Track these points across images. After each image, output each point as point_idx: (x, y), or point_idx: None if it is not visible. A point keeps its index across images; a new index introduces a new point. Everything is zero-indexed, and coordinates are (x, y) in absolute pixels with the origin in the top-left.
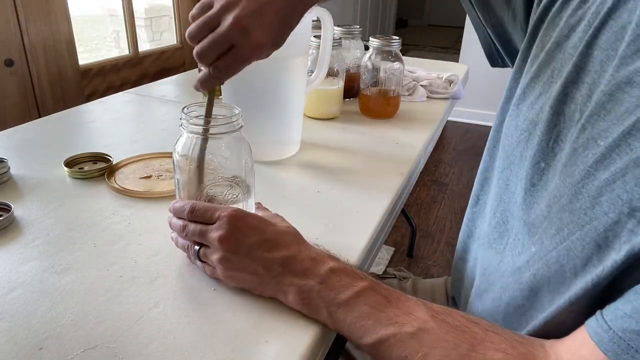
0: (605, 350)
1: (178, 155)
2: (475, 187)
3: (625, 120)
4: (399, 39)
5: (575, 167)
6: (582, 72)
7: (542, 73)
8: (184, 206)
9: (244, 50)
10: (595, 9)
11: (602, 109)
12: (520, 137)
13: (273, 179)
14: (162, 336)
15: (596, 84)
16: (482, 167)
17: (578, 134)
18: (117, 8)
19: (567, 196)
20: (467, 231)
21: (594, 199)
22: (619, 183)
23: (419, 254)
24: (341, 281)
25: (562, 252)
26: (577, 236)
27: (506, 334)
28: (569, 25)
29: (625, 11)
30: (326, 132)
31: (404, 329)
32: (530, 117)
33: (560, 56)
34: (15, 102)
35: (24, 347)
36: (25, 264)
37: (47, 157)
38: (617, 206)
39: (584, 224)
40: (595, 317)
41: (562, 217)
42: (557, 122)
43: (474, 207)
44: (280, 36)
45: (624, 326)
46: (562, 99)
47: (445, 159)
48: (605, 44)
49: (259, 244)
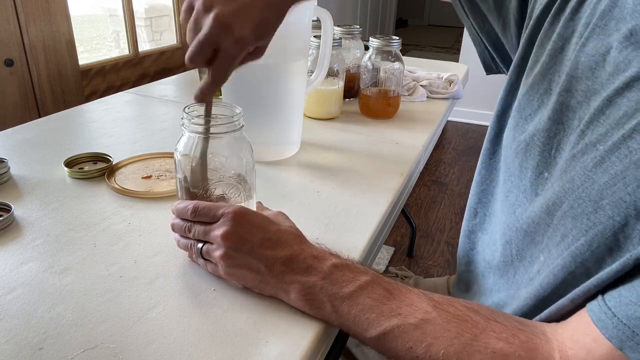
0: (609, 337)
1: (180, 154)
2: (472, 199)
3: (625, 124)
4: (399, 39)
5: (574, 173)
6: (574, 79)
7: (538, 86)
8: (186, 207)
9: (228, 47)
10: (585, 20)
11: (601, 114)
12: (518, 148)
13: (273, 179)
14: (162, 336)
15: (591, 90)
16: (478, 179)
17: (577, 140)
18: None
19: (569, 202)
20: (470, 244)
21: (595, 203)
22: (619, 186)
23: (419, 254)
24: (344, 276)
25: (568, 259)
26: (581, 242)
27: (507, 322)
28: (562, 38)
29: (612, 20)
30: (326, 132)
31: (407, 320)
32: (529, 129)
33: (556, 68)
34: (15, 102)
35: (24, 347)
36: (25, 264)
37: (47, 157)
38: (621, 209)
39: (588, 229)
40: (597, 302)
41: (565, 224)
42: (557, 132)
43: (473, 219)
44: (264, 29)
45: (628, 313)
46: (558, 108)
47: (445, 159)
48: (592, 51)
49: (261, 241)
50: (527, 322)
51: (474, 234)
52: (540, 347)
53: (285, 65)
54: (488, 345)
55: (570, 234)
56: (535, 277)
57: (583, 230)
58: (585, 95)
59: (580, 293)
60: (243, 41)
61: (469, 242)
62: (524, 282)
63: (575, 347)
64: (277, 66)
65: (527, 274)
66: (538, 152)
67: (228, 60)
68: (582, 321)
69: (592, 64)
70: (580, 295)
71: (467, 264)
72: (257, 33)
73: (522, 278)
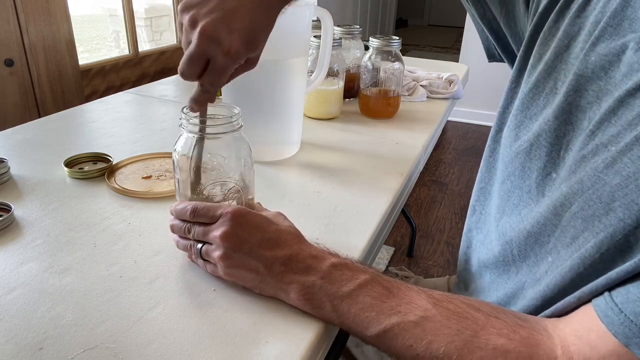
0: (615, 334)
1: (178, 155)
2: (473, 197)
3: (637, 125)
4: (399, 39)
5: (584, 174)
6: (584, 79)
7: (543, 84)
8: (185, 208)
9: (219, 60)
10: (594, 18)
11: (613, 114)
12: (520, 148)
13: (273, 179)
14: (162, 336)
15: (603, 90)
16: (479, 177)
17: (587, 141)
18: (117, 8)
19: (578, 204)
20: (467, 242)
21: (607, 205)
22: (632, 187)
23: (419, 254)
24: (343, 275)
25: (577, 261)
26: (591, 244)
27: (508, 318)
28: (568, 36)
29: (625, 19)
30: (326, 132)
31: (407, 317)
32: (533, 129)
33: (562, 67)
34: (15, 102)
35: (24, 347)
36: (25, 264)
37: (47, 157)
38: (633, 211)
39: (599, 232)
40: (604, 298)
41: (575, 225)
42: (566, 132)
43: (471, 217)
44: (253, 39)
45: (636, 310)
46: (567, 108)
47: (445, 159)
48: (604, 50)
49: (260, 242)
50: (528, 318)
51: (470, 232)
52: (541, 342)
53: (286, 65)
54: (489, 342)
55: (582, 236)
56: (542, 277)
57: (594, 233)
58: (597, 96)
59: (587, 291)
60: (233, 52)
61: (467, 239)
62: (530, 282)
63: (578, 343)
64: (277, 66)
65: (533, 274)
66: (545, 152)
67: (219, 72)
68: (587, 317)
69: (605, 63)
70: (587, 294)
71: (465, 262)
72: (247, 40)
73: (527, 278)
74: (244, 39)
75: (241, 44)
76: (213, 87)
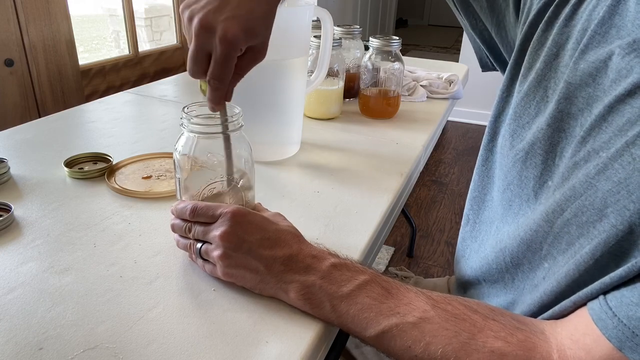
0: (609, 337)
1: (179, 154)
2: (466, 206)
3: (628, 131)
4: (399, 39)
5: (576, 180)
6: (573, 87)
7: (534, 93)
8: (185, 207)
9: (217, 49)
10: (581, 26)
11: (603, 121)
12: (517, 157)
13: (273, 179)
14: (162, 336)
15: (592, 97)
16: (472, 186)
17: (578, 148)
18: (117, 8)
19: (571, 210)
20: (461, 251)
21: (600, 211)
22: (623, 193)
23: (419, 254)
24: (343, 275)
25: (572, 267)
26: (586, 250)
27: (506, 320)
28: (557, 45)
29: (613, 27)
30: (326, 132)
31: (406, 319)
32: (528, 137)
33: (552, 75)
34: (15, 102)
35: (24, 347)
36: (25, 264)
37: (47, 157)
38: (625, 217)
39: (593, 238)
40: (599, 301)
41: (570, 231)
42: (559, 139)
43: (465, 226)
44: (252, 25)
45: (629, 314)
46: (558, 116)
47: (445, 159)
48: (592, 58)
49: (260, 241)
50: (526, 321)
51: (465, 242)
52: (538, 346)
53: (286, 65)
54: (486, 344)
55: (577, 242)
56: (540, 283)
57: (589, 239)
58: (587, 102)
59: (583, 296)
60: (229, 37)
61: (461, 249)
62: (528, 288)
63: (574, 347)
64: (277, 66)
65: (530, 280)
66: (541, 160)
67: (220, 63)
68: (582, 321)
69: (592, 70)
70: (582, 298)
71: (459, 271)
72: (245, 27)
73: (523, 284)
74: (241, 25)
75: (238, 29)
76: (220, 83)
